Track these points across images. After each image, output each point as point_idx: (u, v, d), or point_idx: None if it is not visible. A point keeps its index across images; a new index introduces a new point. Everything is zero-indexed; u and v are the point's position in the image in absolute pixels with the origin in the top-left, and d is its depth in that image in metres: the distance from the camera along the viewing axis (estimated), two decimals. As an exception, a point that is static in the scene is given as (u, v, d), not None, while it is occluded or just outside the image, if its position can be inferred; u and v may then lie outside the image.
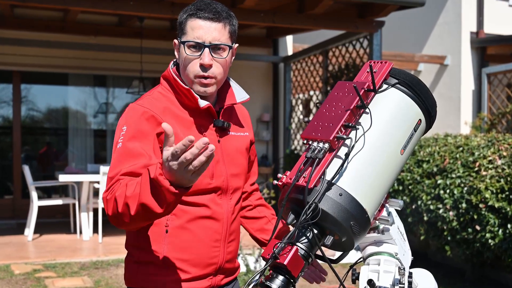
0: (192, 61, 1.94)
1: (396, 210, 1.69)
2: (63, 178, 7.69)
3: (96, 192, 8.24)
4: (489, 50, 10.28)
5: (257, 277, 1.42)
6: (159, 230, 1.97)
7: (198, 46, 1.92)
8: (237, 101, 2.09)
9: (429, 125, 1.64)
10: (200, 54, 1.92)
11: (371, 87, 1.52)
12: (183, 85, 1.97)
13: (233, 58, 2.05)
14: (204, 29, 1.90)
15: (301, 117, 10.03)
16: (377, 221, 1.59)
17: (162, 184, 1.54)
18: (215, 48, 1.93)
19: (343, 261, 1.68)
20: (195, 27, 1.91)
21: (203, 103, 1.96)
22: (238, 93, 2.12)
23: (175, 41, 2.02)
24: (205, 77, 1.94)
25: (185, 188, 1.57)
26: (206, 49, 1.91)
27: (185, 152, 1.46)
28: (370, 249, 1.64)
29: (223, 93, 2.11)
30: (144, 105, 1.95)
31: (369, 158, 1.48)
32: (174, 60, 2.08)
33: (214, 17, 1.91)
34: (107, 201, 1.76)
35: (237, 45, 2.05)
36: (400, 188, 6.87)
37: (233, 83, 2.16)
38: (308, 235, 1.45)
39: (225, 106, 2.06)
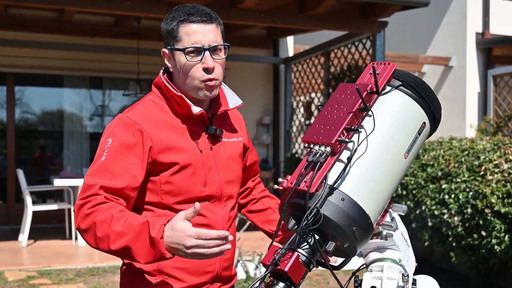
0: (193, 67, 1.94)
1: (399, 215, 1.68)
2: (58, 182, 7.68)
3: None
4: (495, 51, 10.23)
5: (257, 284, 1.42)
6: None
7: (197, 51, 1.93)
8: (229, 107, 2.11)
9: (433, 128, 1.63)
10: (201, 59, 1.93)
11: (374, 89, 1.51)
12: (175, 92, 1.98)
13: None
14: (200, 33, 1.92)
15: (302, 120, 9.99)
16: (380, 227, 1.58)
17: (161, 249, 1.64)
18: (214, 50, 1.95)
19: (346, 267, 1.66)
20: (191, 32, 1.92)
21: (196, 110, 1.97)
22: (231, 99, 2.13)
23: (165, 50, 2.02)
24: (211, 80, 1.95)
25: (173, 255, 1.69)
26: (207, 53, 1.93)
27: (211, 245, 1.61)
28: (373, 255, 1.64)
29: (216, 98, 2.11)
30: (132, 118, 1.96)
31: (372, 162, 1.47)
32: (164, 66, 2.09)
33: (207, 19, 1.94)
34: (85, 216, 1.78)
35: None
36: (404, 192, 6.86)
37: (225, 88, 2.16)
38: (309, 241, 1.45)
39: (218, 112, 2.08)
